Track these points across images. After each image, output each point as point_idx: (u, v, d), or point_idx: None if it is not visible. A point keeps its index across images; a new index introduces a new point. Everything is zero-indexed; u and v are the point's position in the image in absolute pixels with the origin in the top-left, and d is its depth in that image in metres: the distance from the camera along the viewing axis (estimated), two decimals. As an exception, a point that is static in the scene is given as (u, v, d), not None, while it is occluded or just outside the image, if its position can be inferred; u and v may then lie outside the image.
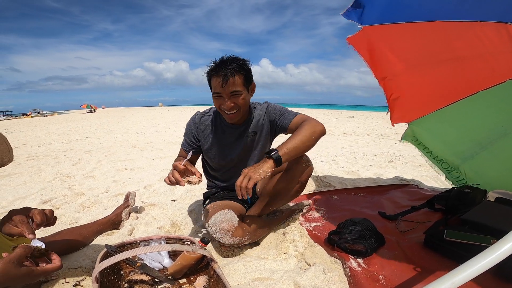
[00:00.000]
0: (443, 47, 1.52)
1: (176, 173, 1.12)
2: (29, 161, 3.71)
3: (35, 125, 11.52)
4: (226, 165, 1.51)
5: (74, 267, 1.18)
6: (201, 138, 1.46)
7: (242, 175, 1.09)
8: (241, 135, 1.44)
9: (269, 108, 1.46)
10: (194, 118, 1.48)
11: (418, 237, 1.39)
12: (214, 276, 1.07)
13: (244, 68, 1.26)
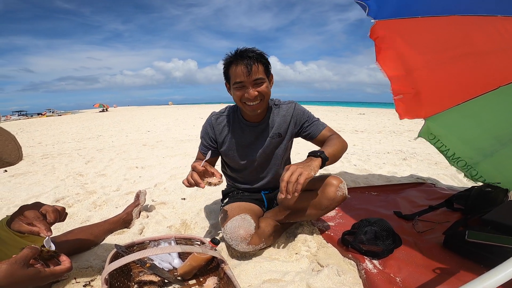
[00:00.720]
0: (461, 41, 1.45)
1: (195, 175, 1.07)
2: (43, 160, 3.79)
3: (49, 124, 11.82)
4: (247, 166, 1.44)
5: (84, 267, 1.18)
6: (218, 139, 1.39)
7: (289, 171, 1.01)
8: (262, 134, 1.38)
9: (296, 110, 1.39)
10: (210, 119, 1.41)
11: (437, 238, 1.34)
12: (224, 277, 1.04)
13: (264, 57, 1.22)
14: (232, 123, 1.38)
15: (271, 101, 1.40)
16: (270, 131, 1.38)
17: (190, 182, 1.07)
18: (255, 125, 1.36)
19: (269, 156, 1.42)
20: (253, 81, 1.18)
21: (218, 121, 1.40)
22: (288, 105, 1.40)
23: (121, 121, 11.35)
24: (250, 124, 1.36)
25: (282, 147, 1.42)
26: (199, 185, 1.06)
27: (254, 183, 1.48)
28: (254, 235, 1.21)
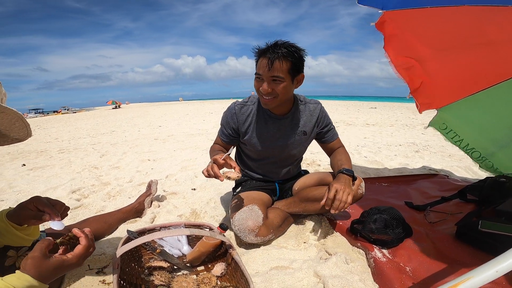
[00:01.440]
0: (473, 31, 1.40)
1: (215, 167, 1.08)
2: (60, 154, 3.92)
3: (65, 121, 12.16)
4: (266, 157, 1.45)
5: (98, 254, 1.22)
6: (240, 128, 1.38)
7: (340, 192, 1.12)
8: (286, 128, 1.38)
9: (322, 112, 1.42)
10: (232, 108, 1.39)
11: (449, 229, 1.31)
12: (232, 263, 1.06)
13: (295, 56, 1.16)
14: (256, 114, 1.37)
15: (299, 96, 1.40)
16: (294, 126, 1.38)
17: (210, 173, 1.09)
18: (279, 118, 1.35)
19: (291, 151, 1.43)
20: (271, 77, 1.16)
21: (242, 110, 1.37)
22: (315, 105, 1.41)
23: (133, 117, 11.54)
24: (274, 117, 1.35)
25: (304, 145, 1.45)
26: (218, 178, 1.07)
27: (270, 174, 1.50)
28: (262, 226, 1.22)
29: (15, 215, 0.84)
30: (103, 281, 1.07)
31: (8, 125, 0.67)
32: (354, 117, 8.01)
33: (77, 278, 1.08)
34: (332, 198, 1.11)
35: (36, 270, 0.63)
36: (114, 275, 0.84)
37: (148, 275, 1.05)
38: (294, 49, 1.16)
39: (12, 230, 0.84)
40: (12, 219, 0.84)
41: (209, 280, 1.01)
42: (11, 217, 0.84)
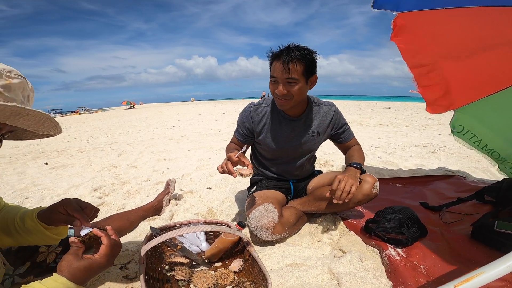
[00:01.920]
0: (491, 32, 1.39)
1: (229, 164, 1.13)
2: (80, 153, 4.08)
3: (83, 121, 12.56)
4: (280, 157, 1.49)
5: (122, 250, 1.27)
6: (255, 128, 1.43)
7: (342, 182, 1.18)
8: (299, 128, 1.42)
9: (336, 114, 1.45)
10: (248, 109, 1.44)
11: (465, 229, 1.31)
12: (249, 259, 1.10)
13: (308, 58, 1.20)
14: (271, 114, 1.41)
15: (313, 98, 1.44)
16: (308, 127, 1.42)
17: (224, 170, 1.13)
18: (293, 119, 1.40)
19: (304, 151, 1.47)
20: (286, 79, 1.20)
21: (257, 111, 1.42)
22: (329, 107, 1.45)
23: (147, 117, 11.80)
24: (288, 118, 1.39)
25: (317, 145, 1.49)
26: (231, 174, 1.12)
27: (283, 173, 1.54)
28: (277, 224, 1.26)
29: (46, 216, 0.86)
30: (126, 276, 1.11)
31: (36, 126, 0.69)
32: (368, 117, 7.91)
33: (102, 273, 1.11)
34: (336, 188, 1.17)
35: (69, 271, 0.67)
36: (141, 270, 0.89)
37: (169, 270, 1.10)
38: (307, 52, 1.20)
39: (42, 229, 0.87)
40: (42, 219, 0.86)
41: (227, 275, 1.06)
42: (42, 217, 0.86)
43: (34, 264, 1.00)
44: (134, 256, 1.24)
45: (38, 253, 1.02)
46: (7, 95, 0.62)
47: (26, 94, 0.68)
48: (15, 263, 0.95)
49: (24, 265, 0.97)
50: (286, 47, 1.21)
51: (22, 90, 0.66)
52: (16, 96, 0.64)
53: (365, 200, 1.31)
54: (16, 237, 0.89)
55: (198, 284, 1.00)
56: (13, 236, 0.88)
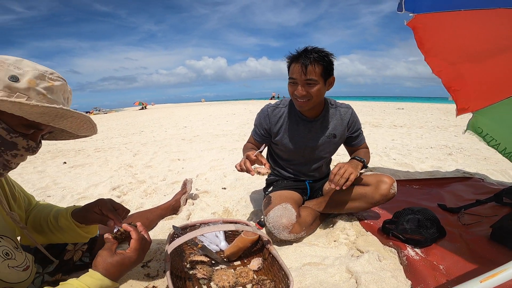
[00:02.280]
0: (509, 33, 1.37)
1: (248, 163, 1.16)
2: (96, 153, 4.19)
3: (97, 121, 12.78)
4: (296, 157, 1.51)
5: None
6: (272, 129, 1.45)
7: (342, 169, 1.21)
8: (316, 130, 1.44)
9: (352, 117, 1.48)
10: (265, 110, 1.47)
11: (484, 231, 1.30)
12: (268, 258, 1.12)
13: (325, 60, 1.23)
14: (288, 116, 1.44)
15: (330, 100, 1.46)
16: (324, 129, 1.44)
17: (242, 168, 1.17)
18: (309, 120, 1.42)
19: (320, 152, 1.49)
20: (305, 80, 1.23)
21: (274, 112, 1.45)
22: (346, 110, 1.47)
23: (159, 117, 11.99)
24: (305, 119, 1.42)
25: (334, 147, 1.51)
26: (249, 172, 1.15)
27: (300, 174, 1.56)
28: (295, 223, 1.28)
29: (80, 215, 0.89)
30: (148, 274, 1.13)
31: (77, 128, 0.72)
32: (380, 119, 7.81)
33: None
34: (335, 173, 1.21)
35: (103, 266, 0.70)
36: (167, 268, 0.91)
37: (190, 269, 1.12)
38: (324, 54, 1.24)
39: (75, 228, 0.90)
40: (76, 218, 0.90)
41: (247, 274, 1.08)
42: (76, 216, 0.90)
43: (62, 262, 1.03)
44: (155, 255, 1.27)
45: (66, 251, 1.05)
46: (50, 97, 0.64)
47: (66, 96, 0.71)
48: (43, 261, 0.97)
49: (53, 264, 1.00)
50: (304, 50, 1.25)
51: (63, 92, 0.69)
52: (58, 98, 0.67)
53: (383, 201, 1.31)
54: (48, 235, 0.92)
55: (219, 282, 1.02)
56: (45, 234, 0.92)
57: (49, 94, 0.64)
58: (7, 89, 0.59)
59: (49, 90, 0.64)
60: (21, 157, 0.68)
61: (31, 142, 0.68)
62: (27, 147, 0.67)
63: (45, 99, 0.63)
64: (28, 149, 0.68)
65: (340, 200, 1.39)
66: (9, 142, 0.64)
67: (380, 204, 1.35)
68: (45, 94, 0.63)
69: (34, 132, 0.68)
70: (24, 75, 0.61)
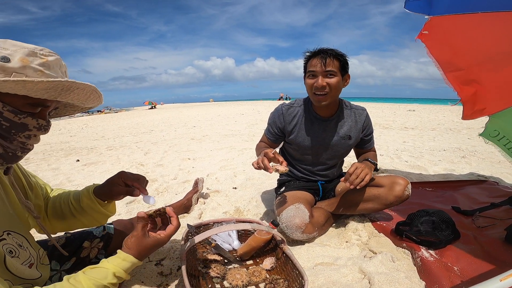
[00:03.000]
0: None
1: (266, 160, 1.18)
2: (108, 151, 4.27)
3: (108, 120, 13.08)
4: (309, 156, 1.51)
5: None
6: (287, 128, 1.47)
7: (359, 169, 1.22)
8: (331, 129, 1.45)
9: (367, 120, 1.50)
10: (279, 109, 1.48)
11: (498, 233, 1.28)
12: (282, 258, 1.13)
13: (342, 56, 1.29)
14: (303, 114, 1.46)
15: (344, 101, 1.48)
16: (339, 129, 1.45)
17: (260, 165, 1.19)
18: (324, 120, 1.44)
19: (334, 153, 1.50)
20: (325, 71, 1.27)
21: (289, 111, 1.47)
22: (361, 112, 1.48)
23: (169, 117, 12.11)
24: (320, 118, 1.44)
25: (347, 149, 1.52)
26: (267, 170, 1.16)
27: (312, 174, 1.56)
28: (308, 224, 1.28)
29: (103, 192, 0.89)
30: (161, 272, 1.14)
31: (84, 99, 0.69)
32: (391, 120, 7.72)
33: (138, 270, 1.15)
34: (352, 173, 1.22)
35: (137, 249, 0.72)
36: (183, 266, 0.92)
37: (204, 267, 1.13)
38: (340, 52, 1.29)
39: (98, 207, 0.90)
40: (98, 195, 0.89)
41: (259, 273, 1.09)
42: (98, 193, 0.89)
43: (78, 259, 1.04)
44: (168, 253, 1.29)
45: (82, 249, 1.06)
46: (48, 73, 0.61)
47: (63, 70, 0.68)
48: (61, 258, 0.99)
49: (70, 261, 1.01)
50: (322, 48, 1.30)
51: (59, 66, 0.66)
52: (56, 73, 0.64)
53: (397, 202, 1.30)
54: (69, 220, 0.92)
55: (232, 281, 1.03)
56: (66, 219, 0.92)
57: (46, 69, 0.61)
58: (2, 71, 0.56)
59: (45, 66, 0.61)
60: (35, 138, 0.67)
61: (41, 120, 0.66)
62: (38, 126, 0.65)
63: (44, 76, 0.60)
64: (39, 128, 0.66)
65: (353, 201, 1.39)
66: (19, 124, 0.62)
67: (394, 206, 1.34)
68: (42, 71, 0.60)
69: (41, 110, 0.66)
70: (14, 54, 0.58)
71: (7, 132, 0.61)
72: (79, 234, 1.09)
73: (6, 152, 0.63)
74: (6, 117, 0.59)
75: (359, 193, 1.35)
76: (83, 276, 0.67)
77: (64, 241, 1.04)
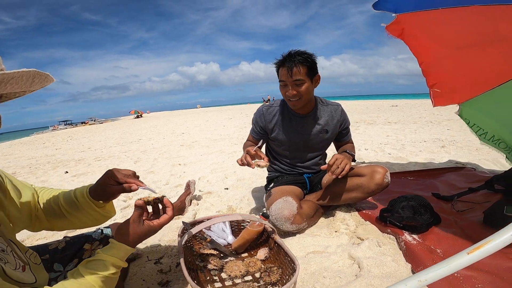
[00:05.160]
0: (488, 29, 1.46)
1: (248, 157, 1.27)
2: (97, 162, 4.23)
3: (94, 131, 12.85)
4: (292, 151, 1.62)
5: (154, 246, 1.38)
6: (268, 126, 1.57)
7: (339, 160, 1.32)
8: (308, 125, 1.55)
9: (343, 114, 1.60)
10: (260, 110, 1.60)
11: (477, 217, 1.37)
12: (274, 247, 1.19)
13: (309, 61, 1.36)
14: (282, 113, 1.56)
15: (319, 98, 1.58)
16: (316, 124, 1.55)
17: (243, 162, 1.27)
18: (302, 116, 1.54)
19: (313, 146, 1.61)
20: (293, 81, 1.36)
21: (269, 111, 1.58)
22: (336, 107, 1.59)
23: (156, 125, 12.02)
24: (298, 115, 1.54)
25: (326, 142, 1.62)
26: (250, 166, 1.25)
27: (297, 167, 1.65)
28: (296, 215, 1.35)
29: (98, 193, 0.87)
30: (161, 270, 1.19)
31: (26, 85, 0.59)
32: (375, 116, 7.94)
33: (139, 269, 1.20)
34: (332, 164, 1.32)
35: (132, 236, 0.74)
36: (181, 259, 0.96)
37: (201, 261, 1.18)
38: (307, 55, 1.37)
39: (94, 207, 0.89)
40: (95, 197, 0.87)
41: (255, 263, 1.14)
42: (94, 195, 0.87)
43: (80, 260, 1.04)
44: (166, 251, 1.34)
45: (83, 251, 1.06)
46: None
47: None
48: (63, 260, 0.99)
49: (73, 262, 1.02)
50: (288, 54, 1.37)
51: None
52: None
53: (378, 190, 1.39)
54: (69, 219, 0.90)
55: (231, 272, 1.08)
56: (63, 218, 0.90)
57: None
58: None
59: None
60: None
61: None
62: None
63: None
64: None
65: (338, 191, 1.47)
66: None
67: (376, 194, 1.43)
68: None
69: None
70: None
71: None
72: (78, 238, 1.11)
73: None
74: None
75: (343, 183, 1.44)
76: (86, 271, 0.69)
77: (64, 244, 1.06)
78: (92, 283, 0.68)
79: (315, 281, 1.06)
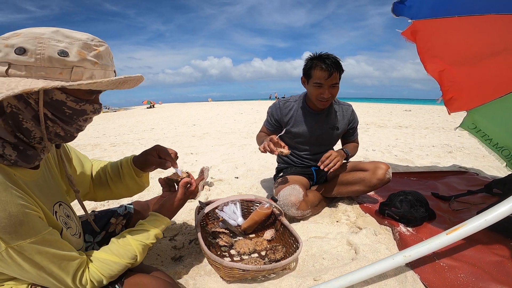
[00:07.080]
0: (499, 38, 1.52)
1: (271, 144, 1.39)
2: (112, 147, 4.43)
3: (108, 119, 13.17)
4: (304, 145, 1.72)
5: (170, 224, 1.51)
6: (283, 119, 1.69)
7: (332, 155, 1.45)
8: (321, 121, 1.66)
9: (353, 115, 1.73)
10: (277, 104, 1.72)
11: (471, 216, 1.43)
12: (280, 229, 1.31)
13: (341, 67, 1.49)
14: (297, 108, 1.68)
15: None
16: (329, 121, 1.67)
17: (266, 148, 1.39)
18: (316, 113, 1.66)
19: (323, 141, 1.72)
20: (331, 85, 1.48)
21: (285, 105, 1.69)
22: (347, 107, 1.72)
23: (168, 116, 12.25)
24: (313, 112, 1.66)
25: (335, 138, 1.74)
26: (273, 152, 1.37)
27: (306, 160, 1.77)
28: (302, 201, 1.47)
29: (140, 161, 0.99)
30: (175, 246, 1.32)
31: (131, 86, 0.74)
32: (386, 120, 7.93)
33: (154, 245, 1.30)
34: (325, 158, 1.45)
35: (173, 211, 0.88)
36: (198, 233, 1.10)
37: (213, 238, 1.31)
38: (339, 62, 1.49)
39: (134, 175, 1.00)
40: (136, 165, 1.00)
41: (261, 243, 1.27)
42: (136, 163, 1.00)
43: (107, 233, 1.16)
44: (180, 229, 1.47)
45: (110, 224, 1.18)
46: (101, 63, 0.66)
47: (111, 57, 0.73)
48: (93, 232, 1.10)
49: (101, 234, 1.14)
50: (325, 56, 1.47)
51: (108, 55, 0.70)
52: (107, 62, 0.69)
53: (380, 184, 1.50)
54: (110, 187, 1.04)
55: (240, 249, 1.21)
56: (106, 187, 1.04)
57: (99, 60, 0.65)
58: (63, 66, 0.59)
59: (98, 57, 0.65)
60: (90, 119, 0.76)
61: (96, 105, 0.72)
62: (93, 110, 0.73)
63: (99, 66, 0.65)
64: (95, 111, 0.74)
65: (342, 184, 1.58)
66: (79, 110, 0.69)
67: (377, 188, 1.54)
68: (97, 62, 0.64)
69: (96, 95, 0.73)
70: (70, 48, 0.61)
71: (69, 118, 0.71)
72: (105, 212, 1.24)
73: (66, 134, 0.74)
74: (69, 105, 0.68)
75: (348, 176, 1.56)
76: (130, 237, 0.81)
77: (93, 217, 1.19)
78: (134, 248, 0.79)
79: (314, 261, 1.18)
